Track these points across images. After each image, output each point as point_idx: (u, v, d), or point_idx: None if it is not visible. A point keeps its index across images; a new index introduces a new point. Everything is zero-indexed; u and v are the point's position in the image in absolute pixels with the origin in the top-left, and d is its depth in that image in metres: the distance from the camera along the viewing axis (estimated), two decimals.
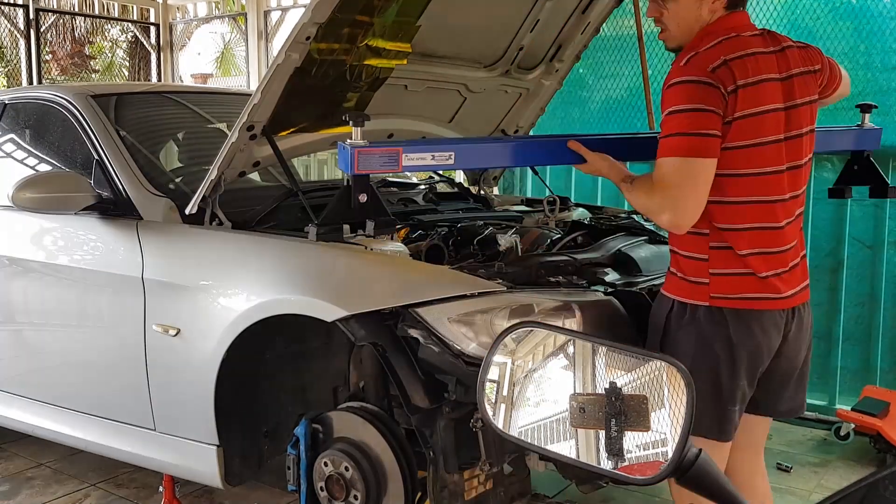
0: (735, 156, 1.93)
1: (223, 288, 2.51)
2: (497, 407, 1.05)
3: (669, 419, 0.89)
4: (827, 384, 3.93)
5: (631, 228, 2.92)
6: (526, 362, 1.07)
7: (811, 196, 3.87)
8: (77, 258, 2.91)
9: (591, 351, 0.99)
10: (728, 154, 1.92)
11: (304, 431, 2.38)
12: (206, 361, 2.46)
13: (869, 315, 3.80)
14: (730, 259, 1.97)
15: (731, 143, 1.91)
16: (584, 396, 0.97)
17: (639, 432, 0.91)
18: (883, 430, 3.41)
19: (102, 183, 2.80)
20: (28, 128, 3.39)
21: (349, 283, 2.35)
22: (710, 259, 1.98)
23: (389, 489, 2.29)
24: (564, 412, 0.97)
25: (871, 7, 3.73)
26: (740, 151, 1.93)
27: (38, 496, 3.28)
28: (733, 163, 1.93)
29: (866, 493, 0.76)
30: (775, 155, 1.97)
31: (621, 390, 0.93)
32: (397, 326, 2.18)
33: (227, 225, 2.62)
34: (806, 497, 3.20)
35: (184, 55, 9.22)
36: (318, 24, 2.33)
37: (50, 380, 3.08)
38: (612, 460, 0.91)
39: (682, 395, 0.89)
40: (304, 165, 5.52)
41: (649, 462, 0.89)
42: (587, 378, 0.98)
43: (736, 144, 1.92)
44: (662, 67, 4.22)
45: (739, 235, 1.96)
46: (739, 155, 1.93)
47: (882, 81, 3.73)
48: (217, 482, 2.58)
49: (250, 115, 2.45)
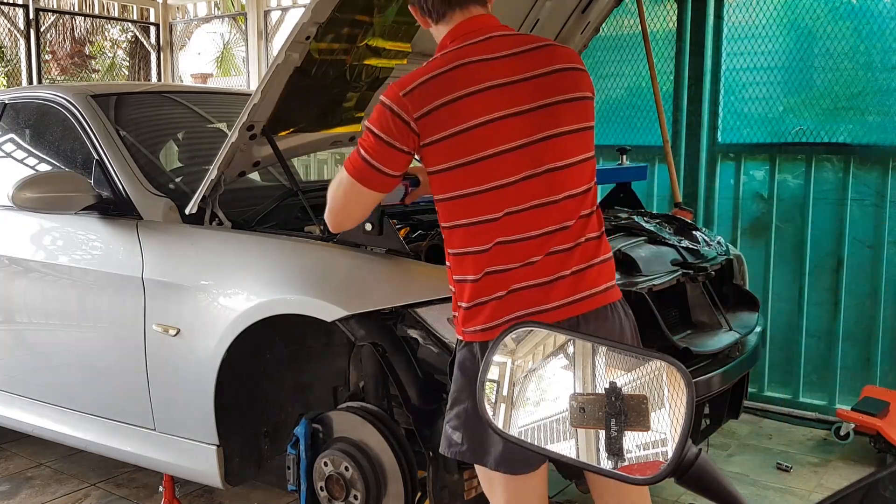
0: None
1: (223, 288, 2.51)
2: (497, 407, 1.05)
3: (669, 419, 0.89)
4: (827, 384, 3.93)
5: (630, 228, 2.92)
6: (526, 362, 1.07)
7: (811, 196, 3.88)
8: (77, 258, 2.91)
9: (591, 351, 0.99)
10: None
11: (304, 431, 2.38)
12: (206, 361, 2.46)
13: (869, 315, 3.80)
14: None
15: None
16: (584, 396, 0.97)
17: (639, 432, 0.91)
18: (883, 430, 3.41)
19: (102, 183, 2.80)
20: (28, 128, 3.39)
21: (349, 283, 2.35)
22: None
23: (389, 489, 2.29)
24: (564, 412, 0.97)
25: (871, 7, 3.73)
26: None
27: (38, 496, 3.28)
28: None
29: (866, 493, 0.76)
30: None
31: (621, 390, 0.93)
32: (397, 326, 2.18)
33: (227, 225, 2.62)
34: (806, 497, 3.20)
35: (184, 55, 9.21)
36: (318, 24, 2.33)
37: (50, 380, 3.08)
38: (612, 460, 0.91)
39: (682, 395, 0.89)
40: (304, 165, 5.52)
41: (649, 462, 0.89)
42: (587, 378, 0.98)
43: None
44: (663, 67, 4.23)
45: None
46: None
47: (882, 81, 3.73)
48: (217, 482, 2.58)
49: (250, 115, 2.45)
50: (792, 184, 3.96)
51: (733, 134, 4.13)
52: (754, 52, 4.02)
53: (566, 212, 1.75)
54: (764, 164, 4.04)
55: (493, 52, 1.74)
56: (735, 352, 2.73)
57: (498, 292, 1.72)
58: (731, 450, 3.66)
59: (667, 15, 4.27)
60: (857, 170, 3.78)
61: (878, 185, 3.73)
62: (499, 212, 1.71)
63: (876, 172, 3.74)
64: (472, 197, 1.71)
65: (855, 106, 3.80)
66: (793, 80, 3.96)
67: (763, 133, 4.06)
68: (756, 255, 4.00)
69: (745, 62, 4.06)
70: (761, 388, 4.06)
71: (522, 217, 1.72)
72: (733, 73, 4.11)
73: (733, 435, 3.81)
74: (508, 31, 1.81)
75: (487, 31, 1.78)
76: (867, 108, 3.77)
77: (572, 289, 1.75)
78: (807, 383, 3.99)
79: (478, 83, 1.70)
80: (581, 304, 1.75)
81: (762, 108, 4.04)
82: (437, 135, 1.69)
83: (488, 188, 1.71)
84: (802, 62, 3.92)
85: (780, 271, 4.01)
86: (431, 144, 1.70)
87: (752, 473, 3.40)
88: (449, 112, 1.69)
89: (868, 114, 3.77)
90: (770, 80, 3.99)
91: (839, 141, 3.83)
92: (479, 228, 1.72)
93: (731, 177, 4.13)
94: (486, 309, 1.73)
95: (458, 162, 1.70)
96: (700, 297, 2.82)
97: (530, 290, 1.72)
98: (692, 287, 2.80)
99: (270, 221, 2.69)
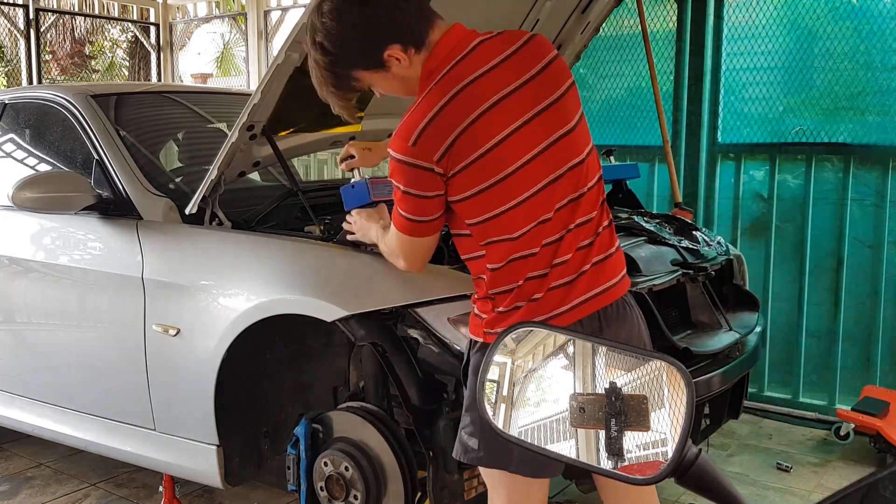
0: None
1: (223, 288, 2.51)
2: (497, 407, 1.05)
3: (669, 419, 0.89)
4: (827, 384, 3.93)
5: (630, 228, 2.92)
6: (526, 362, 1.07)
7: (811, 196, 3.89)
8: (77, 258, 2.91)
9: (591, 351, 0.99)
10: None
11: (304, 431, 2.38)
12: (206, 361, 2.46)
13: (869, 315, 3.80)
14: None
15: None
16: (584, 396, 0.97)
17: (639, 432, 0.91)
18: (883, 430, 3.41)
19: (102, 183, 2.80)
20: (28, 128, 3.39)
21: (349, 283, 2.35)
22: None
23: (389, 489, 2.29)
24: (564, 412, 0.97)
25: (871, 7, 3.73)
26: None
27: (38, 496, 3.28)
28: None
29: (866, 493, 0.76)
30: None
31: (621, 390, 0.93)
32: (397, 326, 2.18)
33: (227, 225, 2.62)
34: (806, 497, 3.20)
35: (184, 55, 9.22)
36: None
37: (50, 380, 3.08)
38: (612, 460, 0.91)
39: (682, 395, 0.89)
40: (304, 165, 5.52)
41: (649, 462, 0.89)
42: (587, 378, 0.98)
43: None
44: (663, 67, 4.23)
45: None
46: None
47: (882, 81, 3.73)
48: (217, 482, 2.58)
49: (250, 115, 2.45)
50: (792, 184, 3.96)
51: (733, 134, 4.13)
52: (754, 52, 4.02)
53: (589, 203, 1.75)
54: (764, 164, 4.04)
55: (484, 64, 1.68)
56: (735, 352, 2.73)
57: (535, 294, 1.72)
58: (731, 450, 3.66)
59: (667, 15, 4.26)
60: (857, 170, 3.78)
61: (878, 185, 3.73)
62: (534, 221, 1.70)
63: (876, 172, 3.74)
64: (507, 213, 1.69)
65: (855, 106, 3.80)
66: (793, 80, 3.96)
67: (763, 133, 4.06)
68: (756, 255, 4.00)
69: (745, 62, 4.06)
70: (761, 388, 4.06)
71: (557, 217, 1.72)
72: (733, 73, 4.11)
73: (733, 435, 3.81)
74: (486, 35, 1.74)
75: (467, 42, 1.70)
76: (867, 108, 3.77)
77: (593, 282, 1.75)
78: (807, 383, 3.99)
79: (483, 101, 1.65)
80: (602, 298, 1.76)
81: (762, 108, 4.04)
82: (458, 165, 1.65)
83: (521, 201, 1.68)
84: (802, 62, 3.92)
85: (780, 271, 4.01)
86: (455, 175, 1.66)
87: (752, 473, 3.40)
88: (466, 141, 1.64)
89: (868, 114, 3.77)
90: (770, 80, 3.99)
91: (839, 141, 3.83)
92: (517, 242, 1.70)
93: (731, 177, 4.13)
94: (521, 311, 1.73)
95: (485, 185, 1.67)
96: (700, 297, 2.82)
97: (560, 289, 1.73)
98: (692, 287, 2.80)
99: (270, 221, 2.69)
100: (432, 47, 1.70)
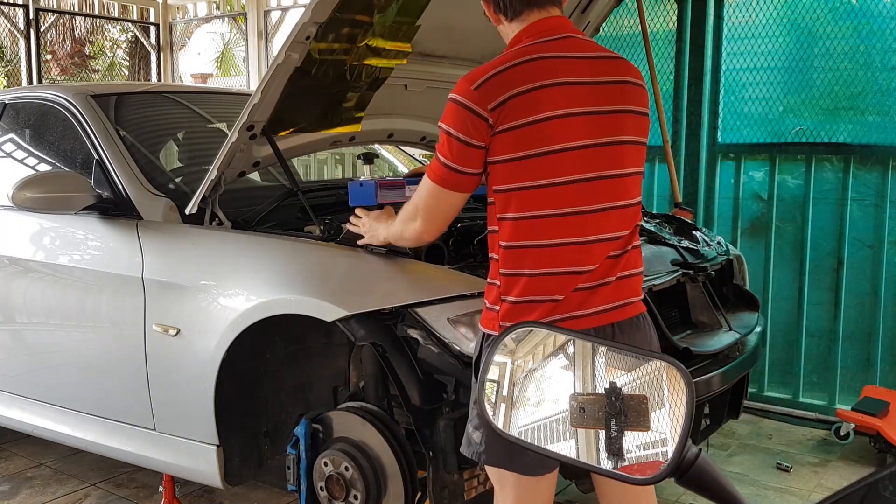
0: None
1: (223, 288, 2.51)
2: (497, 407, 1.05)
3: (669, 419, 0.89)
4: (827, 384, 3.93)
5: None
6: (526, 362, 1.07)
7: (811, 196, 3.89)
8: (77, 258, 2.91)
9: (591, 351, 0.99)
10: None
11: (304, 431, 2.38)
12: (206, 361, 2.46)
13: (869, 315, 3.81)
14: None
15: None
16: (584, 396, 0.97)
17: (639, 432, 0.91)
18: (883, 430, 3.41)
19: (102, 183, 2.80)
20: (28, 128, 3.39)
21: (349, 283, 2.35)
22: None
23: (389, 489, 2.29)
24: (564, 412, 0.97)
25: (871, 7, 3.73)
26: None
27: (38, 496, 3.28)
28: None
29: (866, 493, 0.75)
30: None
31: (621, 390, 0.93)
32: (397, 326, 2.18)
33: (227, 225, 2.62)
34: (806, 497, 3.20)
35: (184, 55, 9.22)
36: (318, 24, 2.33)
37: (50, 380, 3.08)
38: (612, 460, 0.91)
39: (682, 395, 0.89)
40: (304, 165, 5.51)
41: (649, 462, 0.89)
42: (587, 378, 0.98)
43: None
44: (663, 67, 4.23)
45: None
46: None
47: (882, 81, 3.73)
48: (217, 482, 2.58)
49: (250, 115, 2.45)
50: (792, 184, 3.96)
51: (733, 134, 4.14)
52: (754, 52, 4.02)
53: (624, 219, 1.80)
54: (764, 164, 4.04)
55: (570, 52, 1.76)
56: (735, 352, 2.73)
57: (556, 294, 1.73)
58: (731, 450, 3.66)
59: (667, 15, 4.27)
60: (857, 170, 3.78)
61: (878, 185, 3.73)
62: (558, 208, 1.72)
63: (876, 172, 3.74)
64: (533, 190, 1.72)
65: (855, 106, 3.80)
66: (793, 80, 3.96)
67: (763, 133, 4.06)
68: (756, 255, 4.00)
69: (745, 62, 4.06)
70: (761, 388, 4.06)
71: (586, 218, 1.74)
72: (733, 73, 4.11)
73: (733, 435, 3.81)
74: (583, 35, 1.85)
75: (564, 32, 1.80)
76: (867, 108, 3.77)
77: (614, 295, 1.79)
78: (807, 383, 3.99)
79: (554, 77, 1.72)
80: (619, 312, 1.80)
81: (762, 108, 4.04)
82: (509, 123, 1.69)
83: (551, 183, 1.72)
84: (802, 62, 3.92)
85: (780, 271, 4.01)
86: (502, 133, 1.70)
87: (752, 473, 3.40)
88: (525, 101, 1.69)
89: (868, 114, 3.77)
90: (770, 80, 3.99)
91: (839, 141, 3.83)
92: (539, 223, 1.73)
93: (730, 177, 4.13)
94: (541, 308, 1.74)
95: (525, 153, 1.71)
96: (700, 297, 2.82)
97: (582, 293, 1.75)
98: (692, 287, 2.80)
99: (270, 221, 2.69)
100: (528, 23, 1.80)
